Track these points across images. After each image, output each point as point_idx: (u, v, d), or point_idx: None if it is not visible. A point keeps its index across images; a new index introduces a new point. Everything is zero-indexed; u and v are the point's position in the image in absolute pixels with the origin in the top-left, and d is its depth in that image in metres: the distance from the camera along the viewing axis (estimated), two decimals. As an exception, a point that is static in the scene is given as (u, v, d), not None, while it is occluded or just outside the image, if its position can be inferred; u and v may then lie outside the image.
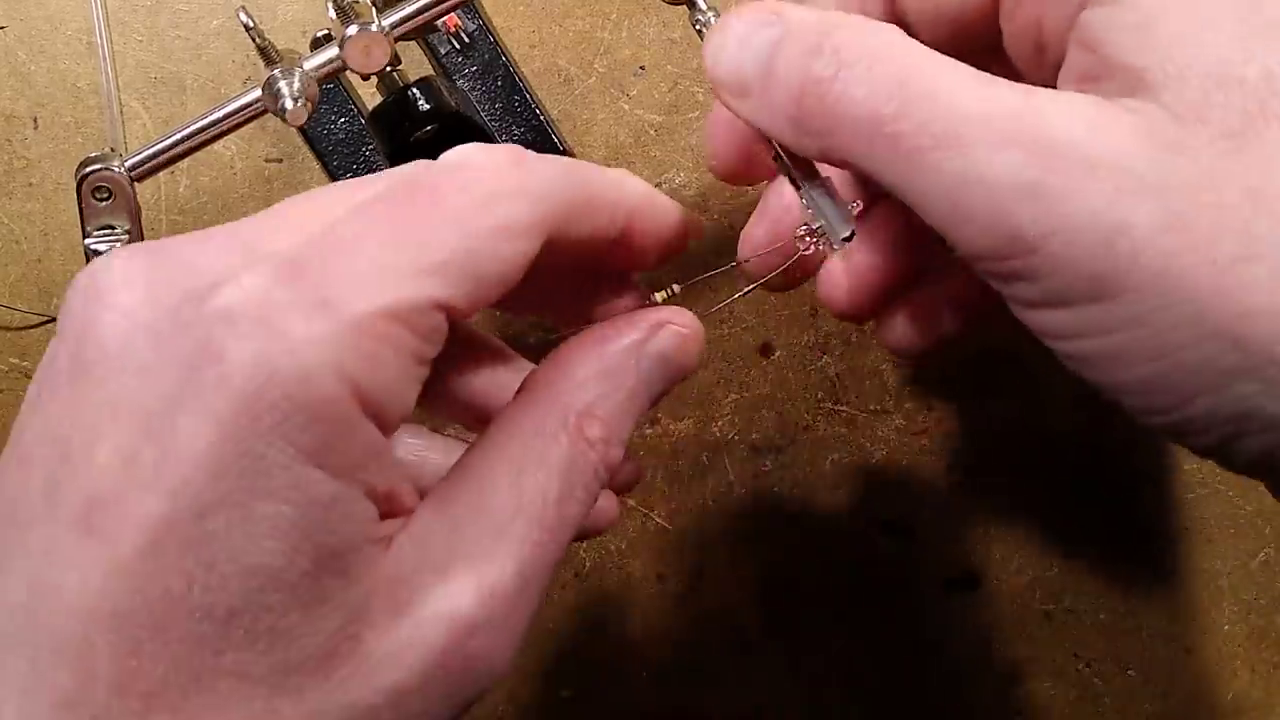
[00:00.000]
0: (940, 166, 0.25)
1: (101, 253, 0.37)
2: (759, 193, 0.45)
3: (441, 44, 0.45)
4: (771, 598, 0.45)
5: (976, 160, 0.24)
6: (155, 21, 0.47)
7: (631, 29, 0.46)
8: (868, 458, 0.45)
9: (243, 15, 0.37)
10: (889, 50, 0.26)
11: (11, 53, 0.47)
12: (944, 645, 0.45)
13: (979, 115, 0.25)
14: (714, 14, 0.34)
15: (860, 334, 0.45)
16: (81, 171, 0.37)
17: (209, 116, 0.37)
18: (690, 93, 0.46)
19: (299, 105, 0.36)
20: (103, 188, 0.37)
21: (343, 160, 0.45)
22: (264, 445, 0.21)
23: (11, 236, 0.47)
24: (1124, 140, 0.24)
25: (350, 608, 0.23)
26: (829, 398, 0.45)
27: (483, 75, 0.45)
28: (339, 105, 0.45)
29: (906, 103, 0.25)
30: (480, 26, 0.45)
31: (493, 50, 0.45)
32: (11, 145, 0.47)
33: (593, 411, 0.27)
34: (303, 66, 0.36)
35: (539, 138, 0.45)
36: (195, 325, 0.21)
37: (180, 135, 0.37)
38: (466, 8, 0.43)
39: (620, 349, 0.29)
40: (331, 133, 0.45)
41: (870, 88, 0.26)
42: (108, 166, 0.37)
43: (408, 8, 0.36)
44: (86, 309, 0.22)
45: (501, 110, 0.45)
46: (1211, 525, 0.44)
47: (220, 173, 0.47)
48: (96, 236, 0.37)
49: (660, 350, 0.29)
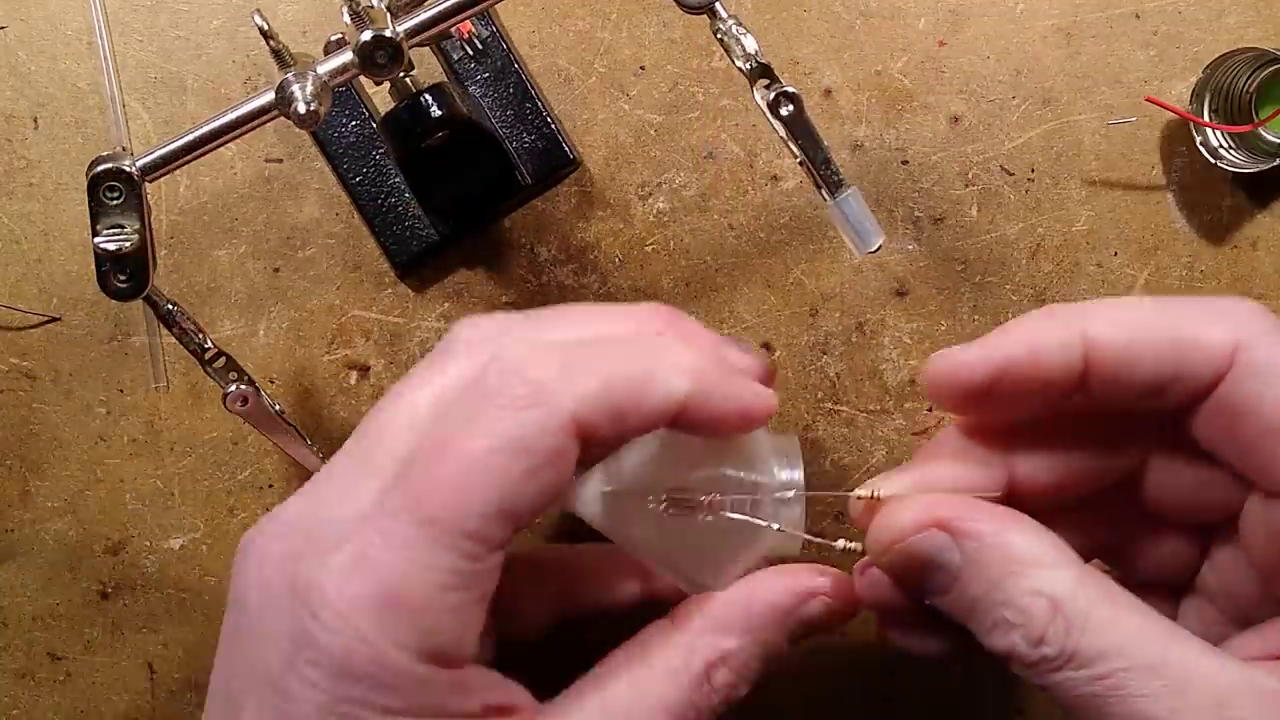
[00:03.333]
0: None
1: (111, 251, 0.37)
2: (758, 192, 0.45)
3: (454, 50, 0.45)
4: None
5: None
6: (155, 21, 0.47)
7: (631, 29, 0.46)
8: (868, 458, 0.45)
9: (258, 19, 0.36)
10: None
11: (11, 53, 0.47)
12: (944, 645, 0.45)
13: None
14: (734, 22, 0.34)
15: (860, 334, 0.45)
16: (93, 170, 0.37)
17: (222, 119, 0.37)
18: (690, 93, 0.46)
19: (312, 110, 0.35)
20: (114, 187, 0.36)
21: (353, 163, 0.45)
22: (356, 709, 0.27)
23: (12, 236, 0.47)
24: None
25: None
26: (829, 398, 0.45)
27: (495, 82, 0.45)
28: (351, 108, 0.45)
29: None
30: (494, 33, 0.45)
31: (505, 57, 0.45)
32: (11, 145, 0.47)
33: (725, 661, 0.31)
34: (316, 71, 0.36)
35: (549, 145, 0.45)
36: (299, 618, 0.28)
37: (193, 137, 0.37)
38: (480, 14, 0.43)
39: (767, 604, 0.32)
40: (343, 135, 0.45)
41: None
42: (120, 166, 0.36)
43: (423, 15, 0.36)
44: (237, 576, 0.30)
45: (513, 117, 0.45)
46: (1211, 525, 0.44)
47: (220, 173, 0.47)
48: (105, 235, 0.37)
49: (806, 618, 0.33)
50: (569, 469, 0.29)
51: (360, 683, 0.27)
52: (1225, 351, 0.29)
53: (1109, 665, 0.27)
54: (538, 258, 0.46)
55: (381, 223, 0.45)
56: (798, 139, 0.35)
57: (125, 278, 0.37)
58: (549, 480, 0.28)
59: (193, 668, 0.47)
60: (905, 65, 0.45)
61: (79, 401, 0.47)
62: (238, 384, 0.40)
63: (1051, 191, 0.45)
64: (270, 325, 0.46)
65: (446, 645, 0.28)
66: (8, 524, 0.47)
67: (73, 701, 0.47)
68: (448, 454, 0.28)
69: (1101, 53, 0.45)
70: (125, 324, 0.47)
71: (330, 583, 0.28)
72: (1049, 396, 0.31)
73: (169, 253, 0.46)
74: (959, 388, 0.32)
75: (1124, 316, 0.30)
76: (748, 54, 0.35)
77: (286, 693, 0.27)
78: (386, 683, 0.27)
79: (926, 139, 0.45)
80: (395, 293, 0.46)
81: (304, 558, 0.28)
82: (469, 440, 0.28)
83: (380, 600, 0.27)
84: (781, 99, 0.34)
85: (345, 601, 0.27)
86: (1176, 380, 0.30)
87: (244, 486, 0.47)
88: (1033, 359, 0.30)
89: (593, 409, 0.29)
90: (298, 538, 0.29)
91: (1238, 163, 0.42)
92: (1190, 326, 0.30)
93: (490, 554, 0.28)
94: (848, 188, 0.35)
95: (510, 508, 0.28)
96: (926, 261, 0.45)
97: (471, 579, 0.28)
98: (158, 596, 0.47)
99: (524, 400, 0.28)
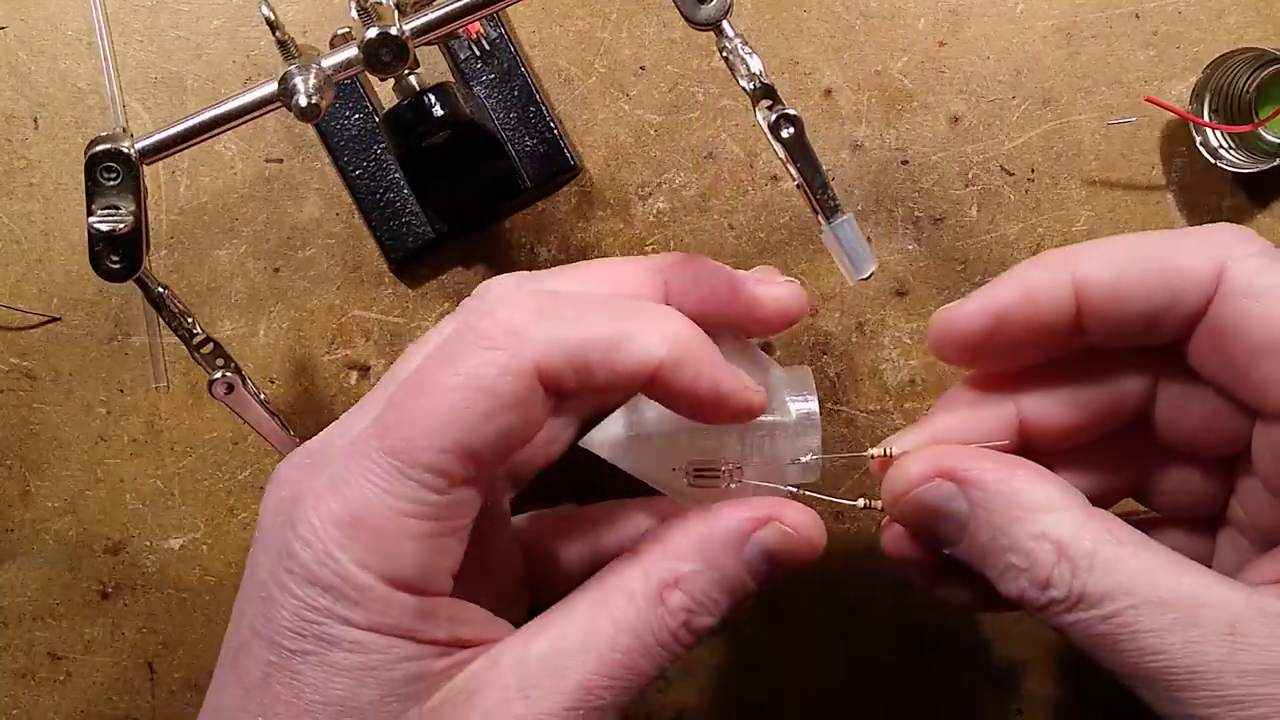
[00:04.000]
0: None
1: (105, 232, 0.37)
2: (758, 192, 0.45)
3: (462, 49, 0.45)
4: (772, 597, 0.45)
5: None
6: (155, 21, 0.47)
7: (631, 29, 0.46)
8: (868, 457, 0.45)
9: (264, 9, 0.36)
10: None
11: (11, 53, 0.47)
12: (944, 645, 0.45)
13: None
14: (740, 41, 0.34)
15: (860, 334, 0.45)
16: (92, 149, 0.36)
17: (223, 107, 0.37)
18: (690, 93, 0.46)
19: (314, 103, 0.35)
20: (112, 168, 0.36)
21: (354, 156, 0.45)
22: (323, 617, 0.29)
23: (12, 236, 0.47)
24: None
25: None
26: (829, 398, 0.45)
27: (500, 83, 0.45)
28: (354, 101, 0.45)
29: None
30: (502, 35, 0.45)
31: (512, 59, 0.45)
32: (12, 145, 0.47)
33: (680, 584, 0.31)
34: (320, 64, 0.36)
35: (550, 150, 0.45)
36: (285, 532, 0.30)
37: (193, 123, 0.37)
38: (490, 16, 0.43)
39: (722, 535, 0.32)
40: (345, 128, 0.45)
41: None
42: (119, 147, 0.36)
43: (431, 14, 0.36)
44: (263, 501, 0.32)
45: (516, 120, 0.45)
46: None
47: (220, 173, 0.46)
48: (100, 216, 0.37)
49: (764, 544, 0.32)
50: (533, 414, 0.30)
51: (326, 594, 0.29)
52: (1210, 274, 0.30)
53: (1117, 604, 0.28)
54: (538, 257, 0.46)
55: (379, 217, 0.45)
56: (796, 162, 0.35)
57: (118, 259, 0.37)
58: (509, 423, 0.29)
59: (193, 668, 0.47)
60: (905, 65, 0.45)
61: (79, 401, 0.47)
62: (223, 371, 0.40)
63: (1051, 191, 0.45)
64: (270, 325, 0.46)
65: (409, 572, 0.29)
66: (8, 524, 0.47)
67: (73, 701, 0.47)
68: (418, 389, 0.30)
69: (1101, 53, 0.45)
70: (125, 324, 0.47)
71: (309, 502, 0.30)
72: (1048, 340, 0.32)
73: (169, 253, 0.46)
74: (960, 340, 0.33)
75: (1111, 253, 0.31)
76: (752, 74, 0.34)
77: (270, 599, 0.30)
78: (349, 597, 0.29)
79: (926, 139, 0.45)
80: (395, 293, 0.46)
81: (302, 481, 0.31)
82: (438, 376, 0.30)
83: (345, 520, 0.29)
84: (783, 121, 0.34)
85: (318, 518, 0.29)
86: (1168, 310, 0.30)
87: (244, 486, 0.47)
88: (1027, 304, 0.31)
89: (559, 358, 0.29)
90: (306, 465, 0.32)
91: (1238, 163, 0.42)
92: (1174, 255, 0.30)
93: (454, 489, 0.29)
94: (843, 213, 0.35)
95: (469, 445, 0.29)
96: (926, 261, 0.45)
97: (433, 510, 0.29)
98: (158, 596, 0.47)
99: (489, 341, 0.29)
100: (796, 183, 0.35)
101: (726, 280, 0.36)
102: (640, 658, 0.30)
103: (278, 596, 0.29)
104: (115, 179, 0.36)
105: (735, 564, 0.32)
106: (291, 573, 0.29)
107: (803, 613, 0.45)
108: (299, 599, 0.29)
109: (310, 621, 0.29)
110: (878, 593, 0.45)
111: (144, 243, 0.37)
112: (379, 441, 0.30)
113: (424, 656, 0.30)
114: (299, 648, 0.29)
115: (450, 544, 0.30)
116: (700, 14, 0.34)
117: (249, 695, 0.30)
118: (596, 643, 0.30)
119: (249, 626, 0.30)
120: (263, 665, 0.30)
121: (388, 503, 0.29)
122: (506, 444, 0.30)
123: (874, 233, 0.45)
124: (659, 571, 0.31)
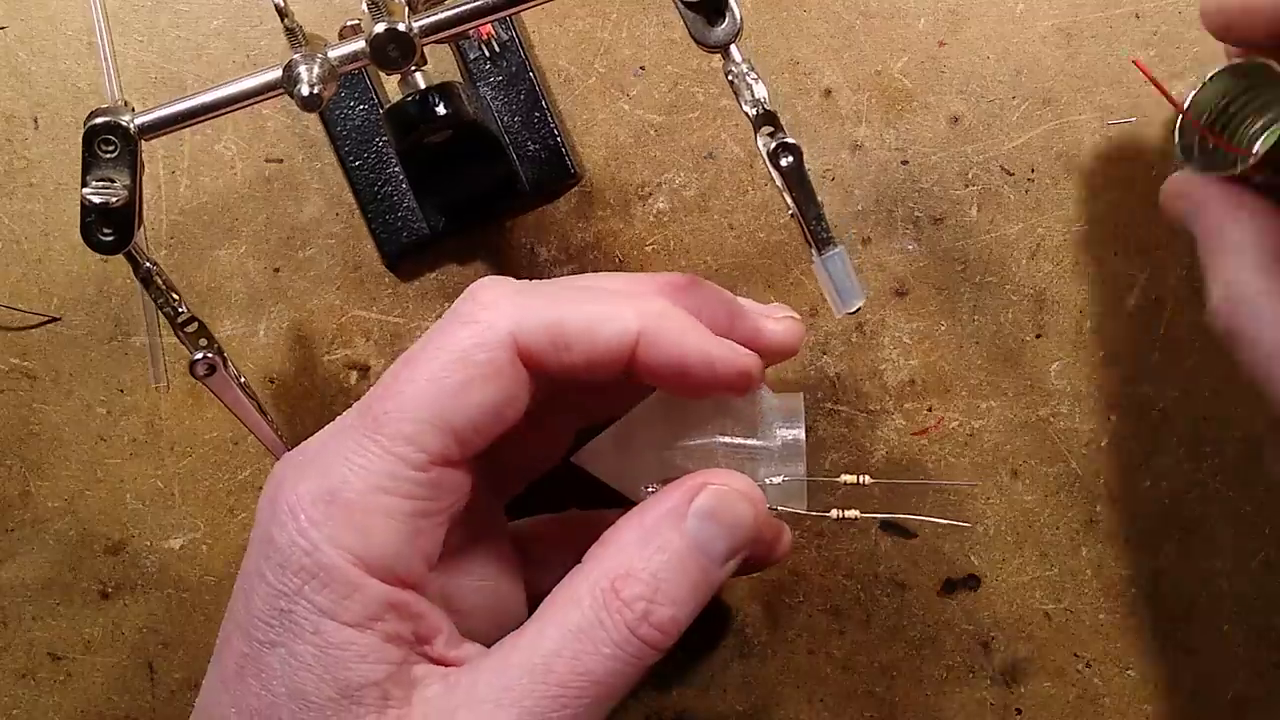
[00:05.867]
0: None
1: (97, 204, 0.36)
2: (758, 192, 0.45)
3: (471, 49, 0.45)
4: (772, 598, 0.45)
5: None
6: (155, 21, 0.47)
7: (631, 29, 0.46)
8: (868, 458, 0.45)
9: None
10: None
11: (11, 53, 0.47)
12: (944, 645, 0.45)
13: None
14: (748, 66, 0.34)
15: (860, 334, 0.45)
16: (91, 121, 0.36)
17: (225, 89, 0.36)
18: (690, 93, 0.46)
19: (316, 93, 0.35)
20: (110, 140, 0.36)
21: (355, 147, 0.45)
22: (291, 603, 0.29)
23: (12, 236, 0.47)
24: None
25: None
26: (829, 398, 0.45)
27: (507, 86, 0.45)
28: (360, 92, 0.45)
29: None
30: (513, 37, 0.45)
31: (521, 63, 0.45)
32: (12, 145, 0.47)
33: (633, 573, 0.30)
34: (326, 54, 0.36)
35: (551, 156, 0.45)
36: (268, 523, 0.30)
37: (195, 103, 0.36)
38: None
39: (659, 513, 0.32)
40: (349, 118, 0.45)
41: None
42: (118, 120, 0.36)
43: (441, 14, 0.36)
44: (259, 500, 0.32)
45: (520, 124, 0.45)
46: (1211, 525, 0.44)
47: (220, 173, 0.47)
48: (94, 187, 0.36)
49: (703, 509, 0.32)
50: (513, 390, 0.30)
51: (297, 575, 0.29)
52: None
53: None
54: (537, 258, 0.46)
55: (375, 210, 0.45)
56: (793, 191, 0.34)
57: (110, 231, 0.37)
58: (489, 396, 0.29)
59: (193, 668, 0.47)
60: (905, 65, 0.45)
61: (79, 401, 0.47)
62: (205, 352, 0.39)
63: (1051, 191, 0.45)
64: (270, 325, 0.46)
65: (382, 551, 0.29)
66: (8, 524, 0.47)
67: (73, 701, 0.47)
68: (398, 369, 0.30)
69: (1101, 53, 0.45)
70: (125, 324, 0.47)
71: (289, 483, 0.30)
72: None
73: (169, 253, 0.46)
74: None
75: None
76: (756, 100, 0.34)
77: (250, 590, 0.30)
78: (317, 577, 0.29)
79: (926, 139, 0.45)
80: (395, 293, 0.46)
81: (289, 471, 0.31)
82: (417, 354, 0.30)
83: (321, 496, 0.29)
84: (782, 150, 0.34)
85: (295, 497, 0.29)
86: None
87: (244, 486, 0.47)
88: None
89: (536, 330, 0.30)
90: (298, 460, 0.32)
91: (1203, 164, 0.41)
92: None
93: (434, 467, 0.29)
94: (835, 246, 0.35)
95: (448, 417, 0.29)
96: (926, 261, 0.45)
97: (412, 489, 0.29)
98: (158, 596, 0.47)
99: (467, 316, 0.30)
100: (791, 212, 0.35)
101: (728, 309, 0.36)
102: (593, 662, 0.29)
103: (255, 585, 0.30)
104: (113, 151, 0.36)
105: (681, 541, 0.31)
106: (268, 558, 0.29)
107: (802, 614, 0.45)
108: (270, 584, 0.29)
109: (280, 609, 0.29)
110: (878, 593, 0.45)
111: (137, 217, 0.37)
112: (359, 419, 0.30)
113: (384, 661, 0.29)
114: (268, 639, 0.29)
115: (427, 528, 0.30)
116: (711, 37, 0.34)
117: (226, 688, 0.30)
118: (541, 658, 0.29)
119: (231, 619, 0.31)
120: (238, 657, 0.30)
121: (365, 479, 0.29)
122: (487, 420, 0.30)
123: (874, 233, 0.45)
124: (606, 571, 0.31)
